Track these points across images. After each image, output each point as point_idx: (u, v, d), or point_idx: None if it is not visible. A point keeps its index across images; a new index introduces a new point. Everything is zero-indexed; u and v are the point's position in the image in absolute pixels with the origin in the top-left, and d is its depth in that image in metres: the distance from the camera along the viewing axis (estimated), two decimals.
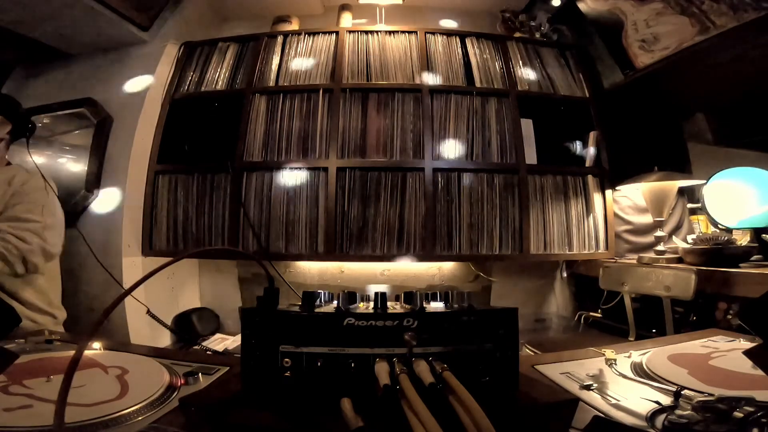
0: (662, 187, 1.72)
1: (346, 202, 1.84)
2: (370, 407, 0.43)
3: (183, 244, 1.88)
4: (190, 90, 2.04)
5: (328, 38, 2.08)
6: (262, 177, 1.88)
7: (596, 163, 1.98)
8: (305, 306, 0.55)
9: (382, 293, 0.56)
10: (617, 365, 0.67)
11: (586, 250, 1.91)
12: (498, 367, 0.50)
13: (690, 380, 0.60)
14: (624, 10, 1.78)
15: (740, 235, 1.65)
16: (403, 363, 0.47)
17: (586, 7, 1.94)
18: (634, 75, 1.84)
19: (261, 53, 2.05)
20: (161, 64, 2.03)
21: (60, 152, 2.04)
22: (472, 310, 0.55)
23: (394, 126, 1.91)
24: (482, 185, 1.87)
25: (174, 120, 2.01)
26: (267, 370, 0.49)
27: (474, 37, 2.10)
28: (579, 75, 2.10)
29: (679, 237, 1.82)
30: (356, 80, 1.97)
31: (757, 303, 0.46)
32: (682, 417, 0.45)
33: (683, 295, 1.40)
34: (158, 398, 0.55)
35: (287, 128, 1.92)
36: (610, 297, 1.75)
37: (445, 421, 0.37)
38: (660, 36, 1.68)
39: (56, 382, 0.59)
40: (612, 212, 1.96)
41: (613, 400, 0.55)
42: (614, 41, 1.86)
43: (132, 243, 1.87)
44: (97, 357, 0.71)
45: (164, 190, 1.93)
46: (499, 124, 1.94)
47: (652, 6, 1.67)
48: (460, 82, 1.98)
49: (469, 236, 1.84)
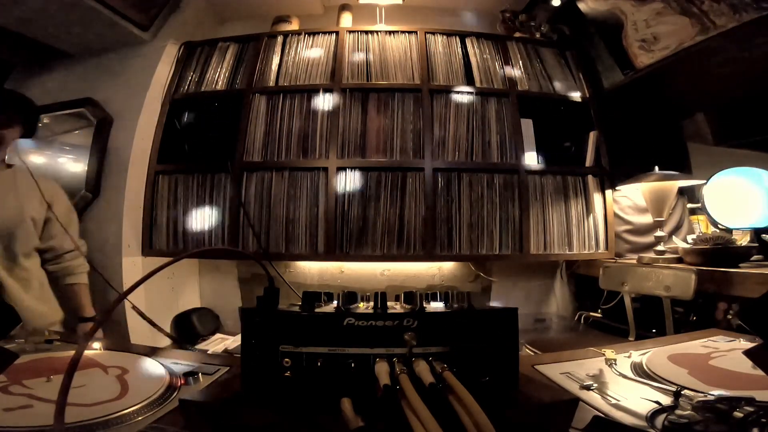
0: (662, 187, 1.72)
1: (346, 202, 1.84)
2: (370, 407, 0.43)
3: (183, 244, 1.88)
4: (190, 90, 2.04)
5: (328, 38, 2.08)
6: (262, 177, 1.88)
7: (596, 163, 1.98)
8: (305, 306, 0.55)
9: (382, 293, 0.56)
10: (617, 365, 0.67)
11: (586, 250, 1.91)
12: (498, 367, 0.50)
13: (690, 380, 0.60)
14: (624, 10, 1.78)
15: (740, 235, 1.65)
16: (403, 363, 0.47)
17: (586, 7, 1.94)
18: (634, 75, 1.84)
19: (261, 53, 2.05)
20: (161, 64, 2.03)
21: (60, 152, 2.04)
22: (472, 310, 0.55)
23: (394, 126, 1.91)
24: (482, 185, 1.87)
25: (174, 120, 2.01)
26: (267, 370, 0.49)
27: (474, 37, 2.10)
28: (579, 75, 2.10)
29: (679, 237, 1.81)
30: (356, 80, 1.96)
31: (757, 303, 0.46)
32: (682, 417, 0.46)
33: (683, 295, 1.40)
34: (158, 398, 0.55)
35: (287, 128, 1.92)
36: (610, 297, 1.75)
37: (445, 421, 0.37)
38: (660, 36, 1.68)
39: (56, 382, 0.59)
40: (612, 212, 1.96)
41: (613, 400, 0.55)
42: (614, 41, 1.86)
43: (132, 243, 1.87)
44: (97, 357, 0.71)
45: (164, 190, 1.93)
46: (499, 124, 1.94)
47: (652, 6, 1.67)
48: (460, 82, 1.98)
49: (469, 236, 1.84)
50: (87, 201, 1.88)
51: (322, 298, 0.59)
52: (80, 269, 1.49)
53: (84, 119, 1.96)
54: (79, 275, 1.49)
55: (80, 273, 1.49)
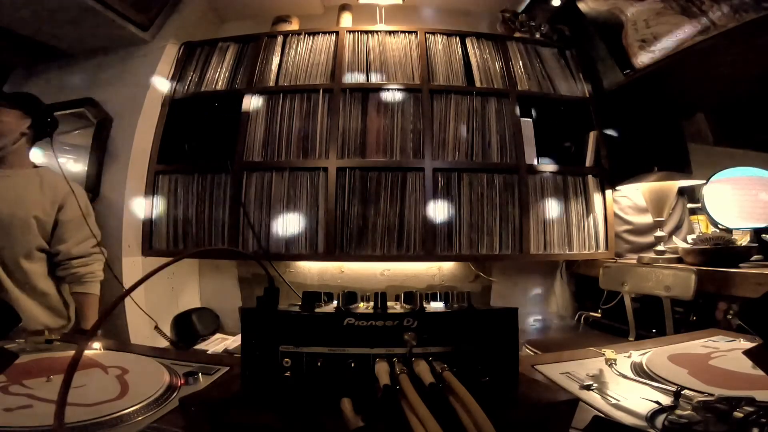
0: (662, 187, 1.72)
1: (346, 202, 1.84)
2: (370, 407, 0.43)
3: (183, 244, 1.88)
4: (190, 90, 2.04)
5: (328, 38, 2.08)
6: (262, 177, 1.88)
7: (596, 163, 1.98)
8: (305, 306, 0.55)
9: (382, 293, 0.56)
10: (617, 365, 0.67)
11: (586, 250, 1.91)
12: (498, 367, 0.50)
13: (690, 380, 0.60)
14: (624, 10, 1.78)
15: (740, 235, 1.65)
16: (403, 363, 0.47)
17: (586, 7, 1.94)
18: (634, 75, 1.84)
19: (261, 53, 2.05)
20: (161, 64, 2.03)
21: (60, 152, 2.03)
22: (472, 310, 0.55)
23: (394, 126, 1.91)
24: (482, 185, 1.87)
25: (174, 120, 2.00)
26: (267, 370, 0.49)
27: (474, 37, 2.10)
28: (579, 75, 2.10)
29: (679, 237, 1.81)
30: (356, 80, 1.97)
31: (757, 303, 0.46)
32: (682, 417, 0.45)
33: (683, 295, 1.40)
34: (158, 398, 0.55)
35: (287, 128, 1.92)
36: (610, 297, 1.75)
37: (445, 421, 0.37)
38: (660, 36, 1.68)
39: (56, 382, 0.59)
40: (612, 212, 1.96)
41: (613, 400, 0.55)
42: (614, 41, 1.86)
43: (132, 243, 1.87)
44: (97, 357, 0.71)
45: (164, 190, 1.93)
46: (499, 124, 1.94)
47: (652, 6, 1.67)
48: (460, 82, 1.98)
49: (469, 236, 1.84)
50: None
51: (322, 298, 0.59)
52: (89, 278, 1.40)
53: (84, 119, 1.96)
54: (88, 284, 1.40)
55: (88, 282, 1.40)
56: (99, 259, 1.45)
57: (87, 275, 1.40)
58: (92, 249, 1.43)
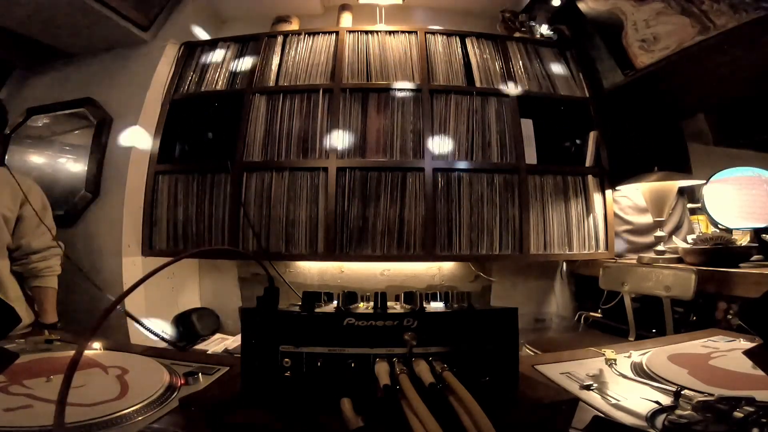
0: (662, 187, 1.72)
1: (346, 202, 1.84)
2: (370, 407, 0.43)
3: (183, 244, 1.88)
4: (190, 90, 2.04)
5: (328, 38, 2.07)
6: (262, 177, 1.88)
7: (596, 163, 1.98)
8: (305, 306, 0.55)
9: (382, 293, 0.56)
10: (617, 365, 0.67)
11: (586, 250, 1.91)
12: (498, 367, 0.50)
13: (690, 380, 0.60)
14: (624, 10, 1.78)
15: (740, 235, 1.65)
16: (403, 363, 0.47)
17: (586, 7, 1.94)
18: (634, 75, 1.84)
19: (261, 53, 2.05)
20: (161, 64, 2.03)
21: (60, 152, 2.04)
22: (472, 310, 0.55)
23: (394, 126, 1.91)
24: (482, 185, 1.87)
25: (174, 120, 2.00)
26: (267, 370, 0.49)
27: (474, 37, 2.10)
28: (579, 75, 2.10)
29: (679, 237, 1.81)
30: (356, 80, 1.96)
31: (757, 303, 0.46)
32: (682, 417, 0.45)
33: (683, 295, 1.40)
34: (158, 398, 0.55)
35: (287, 128, 1.91)
36: (610, 297, 1.75)
37: (445, 421, 0.37)
38: (660, 36, 1.68)
39: (56, 382, 0.59)
40: (612, 212, 1.96)
41: (613, 400, 0.55)
42: (614, 41, 1.86)
43: (132, 243, 1.87)
44: (97, 357, 0.71)
45: (164, 190, 1.93)
46: (499, 124, 1.94)
47: (652, 6, 1.67)
48: (460, 82, 1.98)
49: (469, 236, 1.84)
50: (87, 201, 1.88)
51: (322, 298, 0.59)
52: (47, 272, 1.41)
53: (84, 119, 1.97)
54: (45, 278, 1.40)
55: (46, 276, 1.41)
56: (57, 254, 1.45)
57: (45, 269, 1.40)
58: (50, 243, 1.42)
